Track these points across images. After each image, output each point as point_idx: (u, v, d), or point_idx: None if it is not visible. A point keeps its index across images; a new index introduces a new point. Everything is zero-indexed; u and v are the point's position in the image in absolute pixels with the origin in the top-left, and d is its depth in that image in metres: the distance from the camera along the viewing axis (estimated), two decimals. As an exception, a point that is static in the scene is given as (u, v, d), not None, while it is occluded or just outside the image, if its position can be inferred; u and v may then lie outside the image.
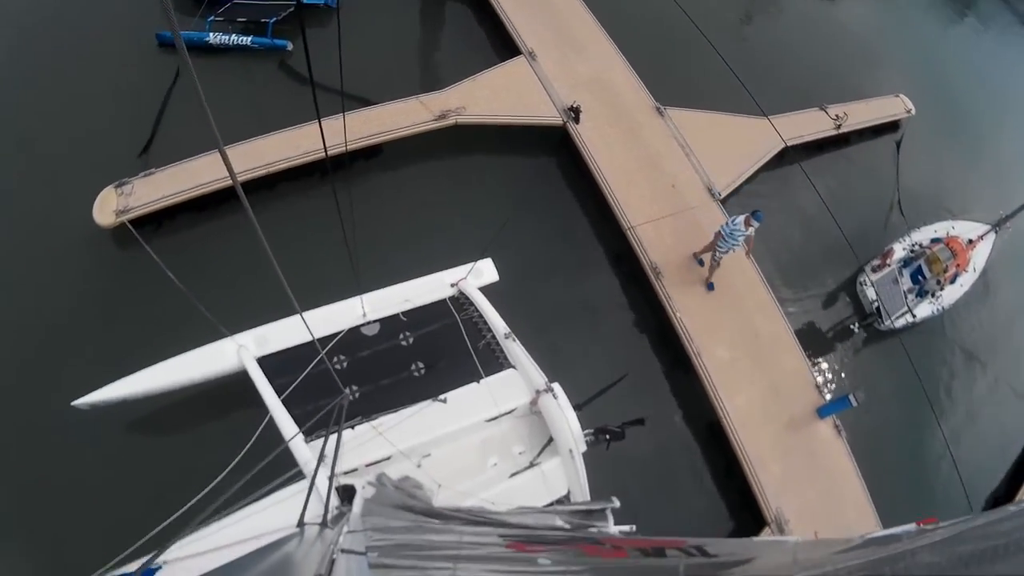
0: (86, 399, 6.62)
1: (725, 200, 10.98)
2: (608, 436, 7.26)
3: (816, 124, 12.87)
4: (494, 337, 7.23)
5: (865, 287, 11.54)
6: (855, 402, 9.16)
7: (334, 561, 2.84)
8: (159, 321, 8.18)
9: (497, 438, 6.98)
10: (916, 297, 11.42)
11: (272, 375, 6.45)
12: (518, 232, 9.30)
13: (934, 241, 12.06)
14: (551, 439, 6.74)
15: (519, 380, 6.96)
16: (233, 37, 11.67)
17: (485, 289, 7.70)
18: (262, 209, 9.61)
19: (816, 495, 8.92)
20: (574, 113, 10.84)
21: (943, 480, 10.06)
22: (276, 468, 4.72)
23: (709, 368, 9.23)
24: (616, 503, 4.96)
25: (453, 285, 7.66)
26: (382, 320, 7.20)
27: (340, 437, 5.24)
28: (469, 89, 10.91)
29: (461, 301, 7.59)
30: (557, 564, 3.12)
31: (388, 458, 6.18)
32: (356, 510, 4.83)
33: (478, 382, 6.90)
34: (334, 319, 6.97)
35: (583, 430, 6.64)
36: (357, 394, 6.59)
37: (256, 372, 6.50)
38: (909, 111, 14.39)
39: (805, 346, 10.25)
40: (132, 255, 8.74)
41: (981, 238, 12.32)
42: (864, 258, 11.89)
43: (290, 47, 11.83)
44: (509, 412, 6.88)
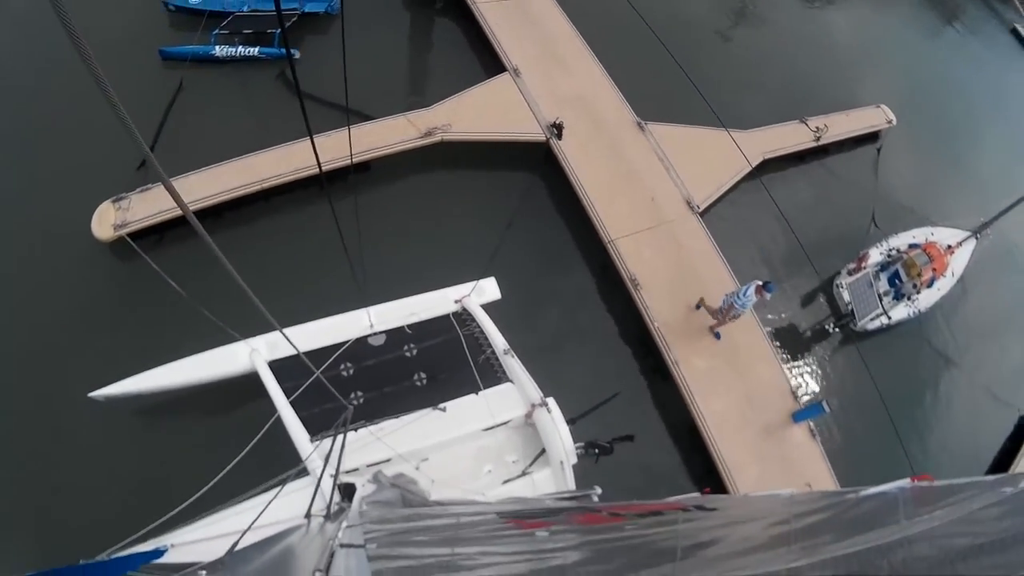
0: (102, 391, 7.02)
1: (704, 212, 11.30)
2: (598, 451, 7.67)
3: (795, 137, 13.20)
4: (494, 352, 7.60)
5: (841, 289, 11.88)
6: (828, 408, 9.50)
7: (333, 554, 3.00)
8: (162, 329, 8.62)
9: (492, 447, 7.34)
10: (892, 300, 11.73)
11: (282, 378, 6.83)
12: (509, 247, 9.72)
13: (912, 246, 12.37)
14: (543, 450, 7.10)
15: (516, 394, 7.33)
16: (240, 49, 12.13)
17: (486, 306, 8.08)
18: (261, 222, 10.15)
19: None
20: (557, 130, 11.19)
21: (916, 483, 10.33)
22: (280, 464, 5.19)
23: (687, 376, 9.56)
24: (599, 490, 5.30)
25: (457, 301, 8.03)
26: (388, 332, 7.60)
27: (344, 442, 5.61)
28: (455, 106, 11.27)
29: (464, 317, 7.95)
30: (555, 536, 3.17)
31: (388, 460, 6.55)
32: (355, 506, 5.15)
33: (476, 394, 7.28)
34: (343, 329, 7.39)
35: (574, 443, 6.98)
36: (361, 399, 6.99)
37: (267, 374, 6.89)
38: (890, 121, 14.71)
39: (782, 347, 10.61)
40: (133, 267, 9.15)
41: (960, 244, 12.62)
42: (840, 264, 12.26)
43: (298, 55, 12.26)
44: (505, 423, 7.23)
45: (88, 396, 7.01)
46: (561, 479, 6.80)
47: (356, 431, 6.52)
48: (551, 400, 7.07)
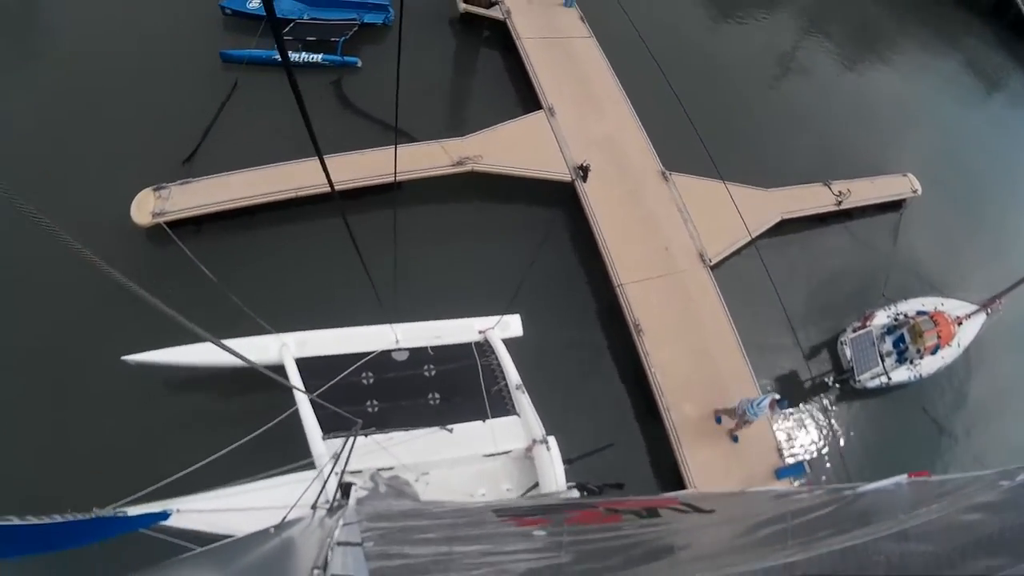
0: (135, 357, 7.54)
1: (715, 267, 11.68)
2: (587, 492, 8.12)
3: (817, 199, 13.51)
4: (507, 386, 8.02)
5: (844, 346, 12.15)
6: (808, 469, 9.85)
7: (330, 553, 3.07)
8: (188, 315, 9.21)
9: (489, 472, 7.72)
10: (895, 362, 11.97)
11: (305, 375, 7.30)
12: (528, 282, 10.23)
13: (920, 313, 12.60)
14: (537, 484, 7.47)
15: (520, 428, 7.72)
16: (303, 55, 12.96)
17: (507, 341, 8.51)
18: (292, 228, 10.78)
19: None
20: (583, 172, 11.68)
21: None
22: (286, 457, 5.63)
23: (676, 423, 9.94)
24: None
25: (481, 332, 8.49)
26: (412, 350, 8.07)
27: (353, 444, 6.03)
28: (488, 138, 11.84)
29: (484, 347, 8.39)
30: (552, 534, 3.20)
31: (391, 468, 6.99)
32: (352, 504, 5.35)
33: (484, 421, 7.69)
34: (370, 340, 7.89)
35: (567, 482, 7.35)
36: (376, 408, 7.46)
37: (292, 370, 7.36)
38: (915, 191, 14.91)
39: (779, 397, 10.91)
40: (167, 254, 9.75)
41: (969, 316, 12.81)
42: (847, 325, 12.55)
43: (359, 64, 13.05)
44: (506, 453, 7.66)
45: (121, 359, 7.52)
46: None
47: (366, 436, 6.92)
48: (552, 439, 7.44)
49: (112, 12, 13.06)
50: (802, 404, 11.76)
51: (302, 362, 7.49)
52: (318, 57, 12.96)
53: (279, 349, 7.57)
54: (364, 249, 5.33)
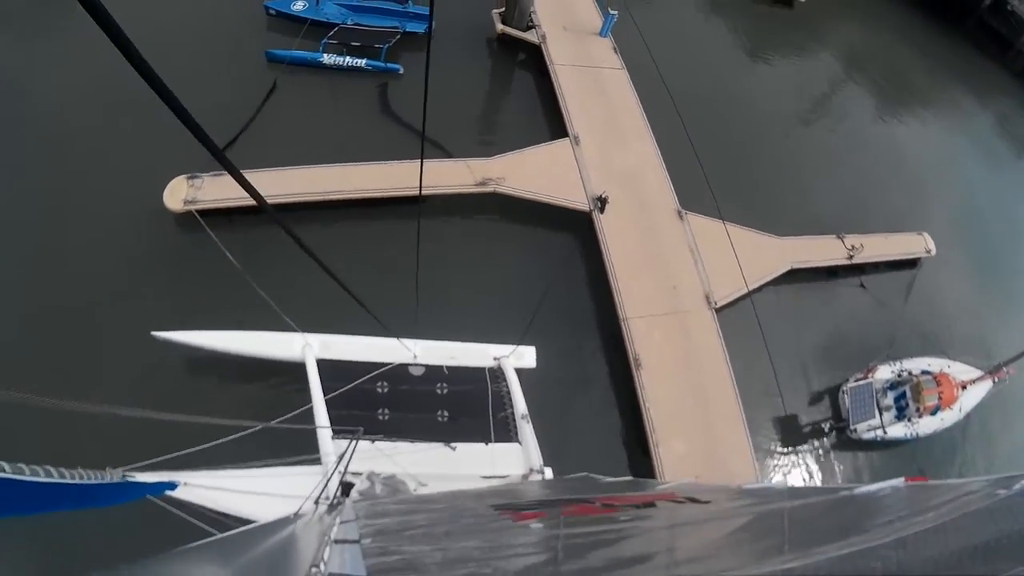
0: (166, 334, 7.90)
1: (720, 310, 11.91)
2: None
3: (829, 251, 13.67)
4: (513, 414, 8.28)
5: (844, 395, 12.29)
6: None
7: (328, 550, 3.07)
8: (211, 301, 9.72)
9: None
10: (893, 418, 12.10)
11: (323, 376, 7.59)
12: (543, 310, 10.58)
13: (924, 372, 12.69)
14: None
15: (520, 456, 7.98)
16: (347, 59, 13.43)
17: (519, 370, 8.77)
18: (318, 230, 11.02)
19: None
20: (601, 203, 11.97)
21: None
22: (296, 447, 5.98)
23: (663, 459, 10.18)
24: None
25: (496, 359, 8.77)
26: (428, 366, 8.38)
27: (355, 447, 6.31)
28: (512, 161, 12.17)
29: (497, 374, 8.67)
30: (549, 528, 3.20)
31: (392, 475, 7.18)
32: (350, 502, 5.62)
33: (486, 444, 7.96)
34: (390, 351, 8.17)
35: None
36: (387, 416, 7.75)
37: (313, 369, 7.65)
38: (929, 251, 14.96)
39: (773, 442, 11.10)
40: (194, 240, 10.16)
41: (974, 382, 12.87)
42: (850, 375, 12.71)
43: (401, 71, 13.52)
44: (502, 477, 7.87)
45: (151, 334, 7.86)
46: None
47: (372, 442, 7.21)
48: (548, 470, 7.73)
49: (163, 3, 13.55)
50: (794, 446, 11.93)
51: (322, 363, 7.77)
52: (362, 62, 13.41)
53: (302, 348, 7.88)
54: (385, 258, 5.52)
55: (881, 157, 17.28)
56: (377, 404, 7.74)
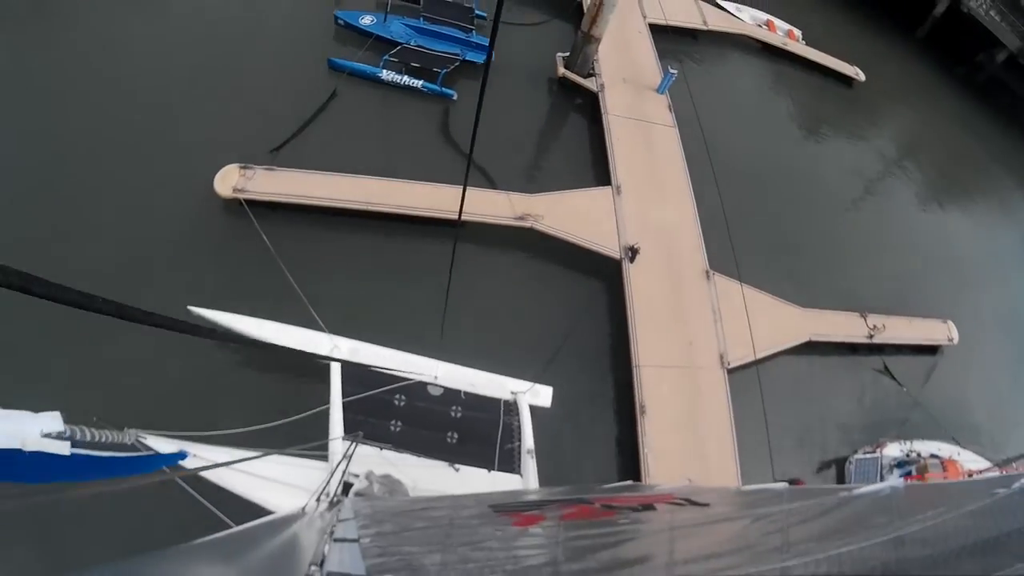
0: (201, 311, 8.49)
1: (733, 371, 12.29)
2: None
3: (849, 328, 13.95)
4: (520, 447, 8.61)
5: (851, 466, 12.53)
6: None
7: (327, 548, 3.07)
8: (247, 288, 10.26)
9: None
10: None
11: (345, 379, 8.01)
12: (556, 342, 11.22)
13: (933, 456, 12.80)
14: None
15: (519, 487, 8.27)
16: (405, 78, 14.22)
17: (533, 408, 9.18)
18: (361, 240, 11.74)
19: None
20: (632, 253, 12.51)
21: None
22: (306, 440, 6.19)
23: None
24: None
25: (512, 392, 9.20)
26: (447, 389, 8.81)
27: (355, 450, 6.69)
28: (553, 201, 12.81)
29: (511, 407, 9.04)
30: (548, 530, 3.18)
31: (389, 475, 7.43)
32: (349, 501, 5.69)
33: (488, 471, 8.28)
34: (414, 367, 8.68)
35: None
36: (399, 428, 8.17)
37: (336, 372, 8.04)
38: (951, 340, 15.09)
39: None
40: (239, 227, 10.84)
41: (981, 472, 12.94)
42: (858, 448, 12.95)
43: (455, 97, 14.27)
44: None
45: (188, 308, 8.45)
46: None
47: (380, 448, 7.68)
48: None
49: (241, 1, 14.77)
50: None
51: (346, 367, 8.17)
52: (418, 83, 14.16)
53: (330, 349, 8.44)
54: (417, 277, 5.92)
55: (920, 244, 17.52)
56: (392, 415, 8.15)
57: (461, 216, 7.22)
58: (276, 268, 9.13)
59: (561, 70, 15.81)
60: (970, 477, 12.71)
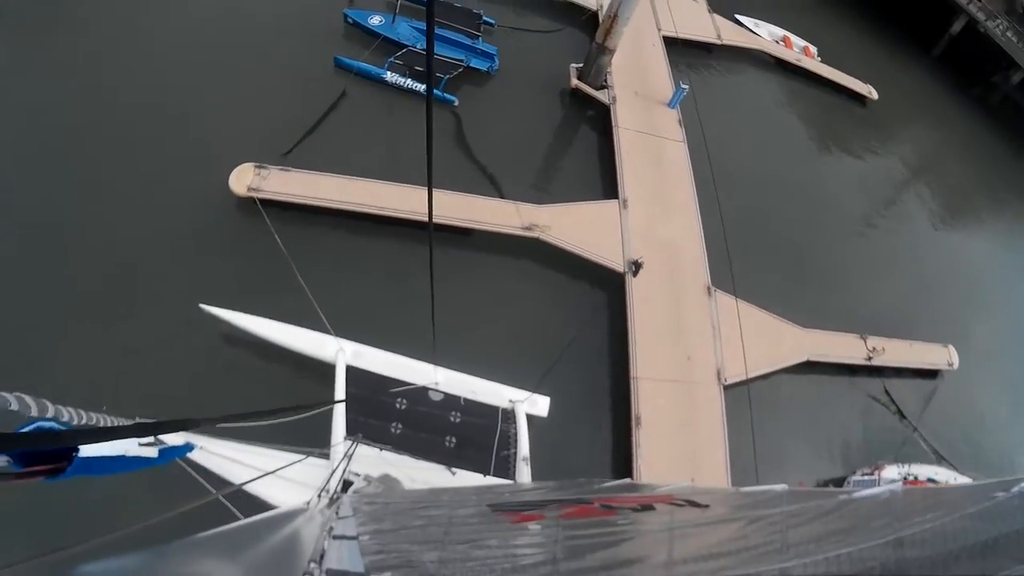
0: (212, 308, 8.76)
1: (728, 387, 12.47)
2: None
3: (848, 349, 14.08)
4: (516, 455, 8.87)
5: (848, 486, 12.68)
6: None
7: (326, 545, 2.99)
8: (254, 285, 10.51)
9: None
10: None
11: (349, 381, 8.34)
12: (555, 352, 11.42)
13: (931, 480, 12.95)
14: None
15: None
16: (408, 81, 14.37)
17: (530, 417, 9.42)
18: (371, 243, 11.93)
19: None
20: (635, 267, 12.72)
21: None
22: (308, 438, 6.54)
23: (647, 519, 10.80)
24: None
25: (511, 401, 9.44)
26: (448, 395, 9.09)
27: (355, 450, 7.01)
28: (560, 213, 13.03)
29: (509, 415, 9.32)
30: (547, 530, 3.18)
31: (387, 475, 7.77)
32: (348, 498, 5.78)
33: (484, 476, 8.53)
34: (416, 373, 8.91)
35: None
36: (399, 431, 8.43)
37: (341, 374, 8.37)
38: (951, 364, 15.17)
39: None
40: (248, 225, 11.08)
41: None
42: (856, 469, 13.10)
43: (456, 103, 14.44)
44: None
45: (199, 305, 8.69)
46: None
47: (380, 449, 7.94)
48: None
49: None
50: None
51: (351, 369, 8.50)
52: (420, 87, 14.21)
53: (335, 351, 8.63)
54: (424, 283, 6.11)
55: (927, 266, 17.60)
56: (393, 418, 8.38)
57: (465, 224, 7.37)
58: (286, 268, 9.33)
59: (574, 81, 16.02)
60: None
